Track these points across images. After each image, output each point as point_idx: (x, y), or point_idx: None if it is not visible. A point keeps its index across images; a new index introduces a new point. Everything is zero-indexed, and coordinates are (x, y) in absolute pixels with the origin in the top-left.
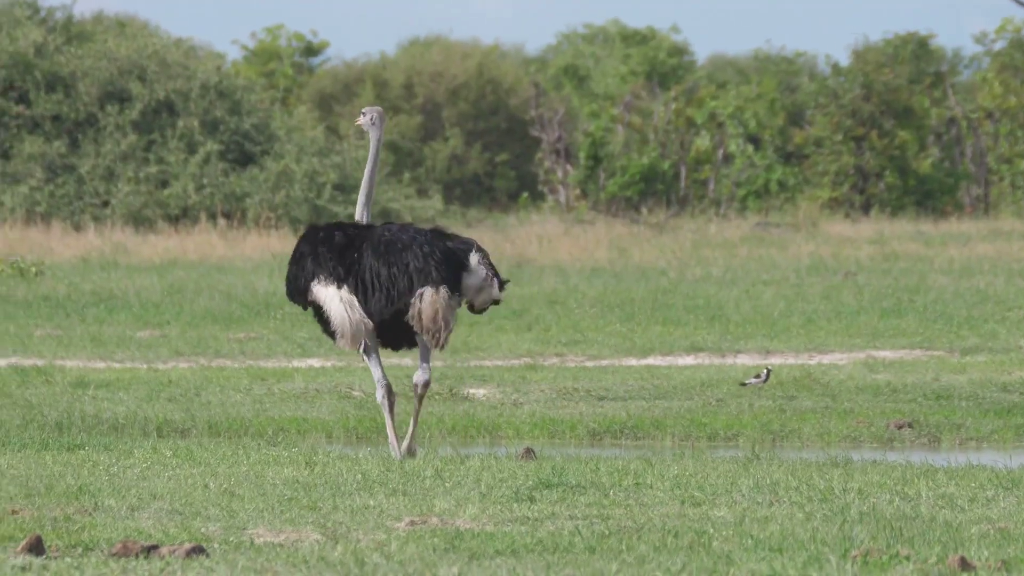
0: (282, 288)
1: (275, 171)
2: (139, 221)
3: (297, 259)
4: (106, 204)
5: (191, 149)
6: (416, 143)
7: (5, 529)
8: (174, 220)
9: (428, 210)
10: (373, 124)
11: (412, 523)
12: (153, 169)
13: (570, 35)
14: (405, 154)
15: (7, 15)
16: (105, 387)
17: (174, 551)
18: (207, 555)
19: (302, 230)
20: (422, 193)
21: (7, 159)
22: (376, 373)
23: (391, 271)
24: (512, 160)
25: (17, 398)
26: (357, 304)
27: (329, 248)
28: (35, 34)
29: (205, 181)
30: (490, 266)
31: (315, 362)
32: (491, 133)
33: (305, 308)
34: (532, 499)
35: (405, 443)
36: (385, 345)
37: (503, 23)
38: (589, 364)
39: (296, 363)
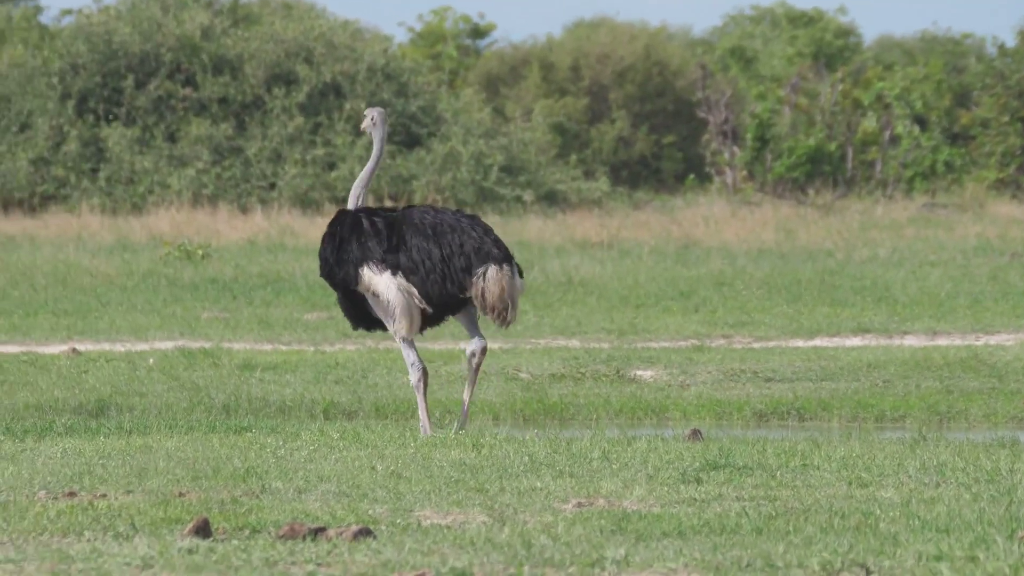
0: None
1: (441, 153)
2: (306, 203)
3: (338, 243)
4: (273, 186)
5: (357, 131)
6: (583, 125)
7: (172, 511)
8: (341, 202)
9: (595, 192)
10: (374, 124)
11: (579, 505)
12: (320, 151)
13: (737, 16)
14: (572, 136)
15: None
16: (272, 369)
17: (341, 533)
18: (374, 537)
19: (333, 214)
20: (589, 175)
21: (174, 142)
22: (412, 356)
23: (443, 252)
24: (679, 142)
25: (184, 381)
26: (415, 291)
27: (375, 233)
28: (202, 17)
29: None
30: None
31: None
32: (658, 115)
33: (346, 291)
34: (699, 480)
35: (461, 418)
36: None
37: (670, 5)
38: (756, 345)
39: (462, 345)
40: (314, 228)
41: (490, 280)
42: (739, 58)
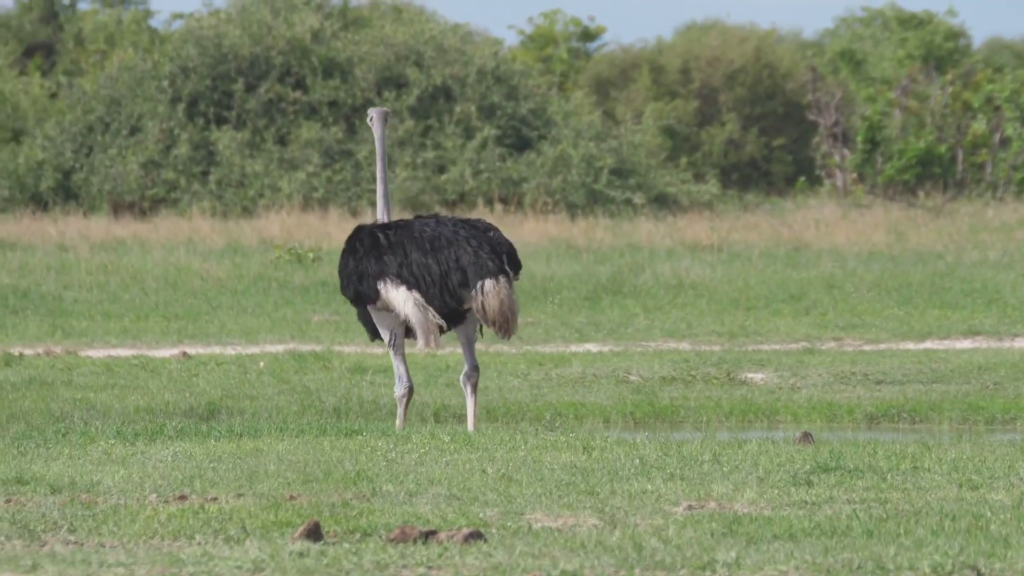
0: (560, 272)
1: (552, 156)
2: (416, 206)
3: (359, 257)
4: None
5: (468, 134)
6: (693, 128)
7: (283, 515)
8: (451, 205)
9: (705, 194)
10: (371, 122)
11: (690, 507)
12: (430, 155)
13: (847, 19)
14: (682, 139)
15: (284, 2)
16: (383, 372)
17: (452, 536)
18: (485, 540)
19: (352, 230)
20: (699, 178)
21: (284, 145)
22: (401, 370)
23: (441, 268)
24: (789, 144)
25: (295, 384)
26: (425, 303)
27: (389, 248)
28: (312, 20)
29: (482, 166)
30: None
31: (592, 347)
32: (768, 117)
33: (364, 305)
34: (810, 483)
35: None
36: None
37: (780, 7)
38: (866, 348)
39: (574, 348)
40: None
41: (488, 294)
42: (849, 60)
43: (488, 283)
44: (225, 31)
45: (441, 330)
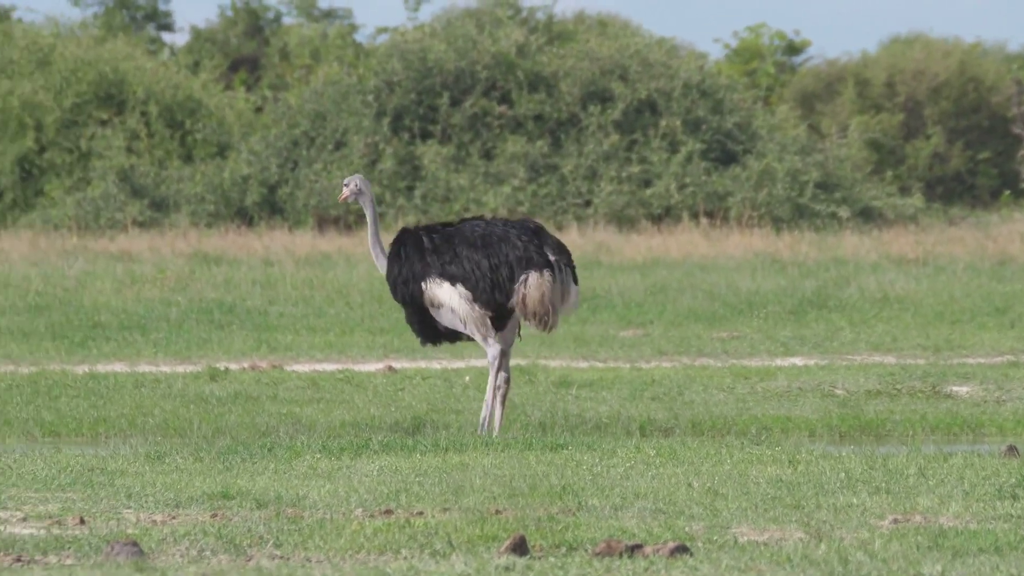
0: (765, 286)
1: (757, 170)
2: (621, 220)
3: (402, 260)
4: (588, 204)
5: (673, 148)
6: (898, 141)
7: (489, 529)
8: (656, 219)
9: (909, 208)
10: (360, 193)
11: (895, 521)
12: (635, 169)
13: None
14: (887, 152)
15: (489, 15)
16: (588, 386)
17: (658, 550)
18: (691, 554)
19: (397, 233)
20: (904, 191)
21: (490, 159)
22: (495, 350)
23: (491, 262)
24: (994, 158)
25: None
26: (472, 298)
27: (434, 249)
28: (517, 34)
29: (687, 180)
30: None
31: (798, 360)
32: (973, 131)
33: (414, 306)
34: (1015, 496)
35: (488, 425)
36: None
37: (984, 20)
38: None
39: (779, 361)
40: (629, 245)
41: (531, 286)
42: None
43: (532, 275)
44: (430, 45)
45: (493, 323)
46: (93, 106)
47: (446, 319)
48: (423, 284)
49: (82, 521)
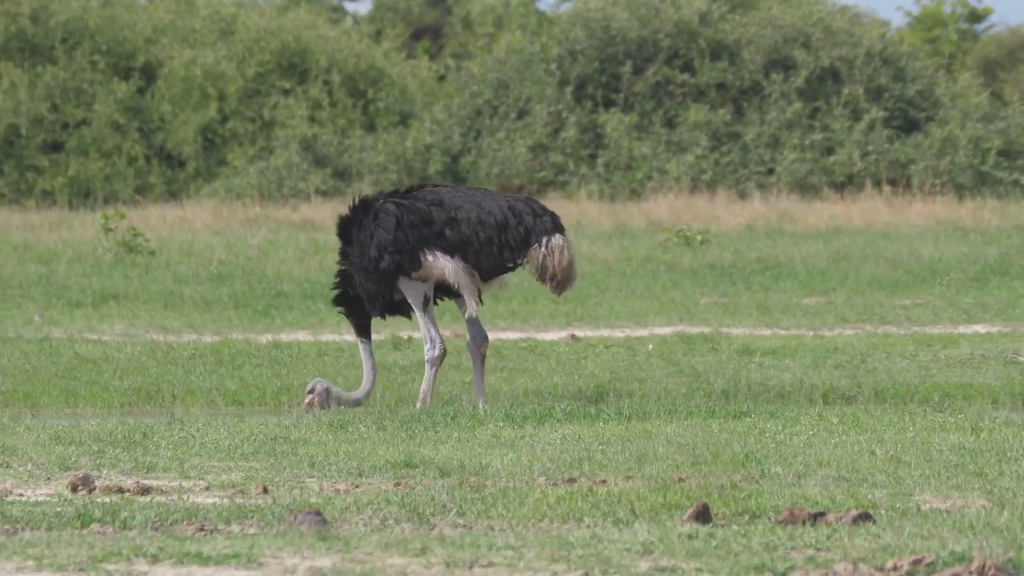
0: (947, 254)
1: (939, 137)
2: (804, 188)
3: (391, 229)
4: (771, 172)
5: (856, 116)
6: None
7: (672, 497)
8: (839, 187)
9: None
10: (328, 394)
11: None
12: (818, 136)
13: None
14: None
15: None
16: (771, 354)
17: (840, 518)
18: (874, 521)
19: (365, 201)
20: None
21: (672, 128)
22: (433, 332)
23: (497, 219)
24: None
25: (683, 366)
26: (470, 268)
27: (423, 218)
28: (700, 2)
29: (870, 148)
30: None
31: (980, 328)
32: None
33: (391, 278)
34: None
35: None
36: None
37: None
38: None
39: (962, 329)
40: (812, 213)
41: (555, 249)
42: None
43: (556, 238)
44: (613, 13)
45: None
46: (276, 75)
47: (463, 292)
48: (420, 255)
49: (265, 490)
